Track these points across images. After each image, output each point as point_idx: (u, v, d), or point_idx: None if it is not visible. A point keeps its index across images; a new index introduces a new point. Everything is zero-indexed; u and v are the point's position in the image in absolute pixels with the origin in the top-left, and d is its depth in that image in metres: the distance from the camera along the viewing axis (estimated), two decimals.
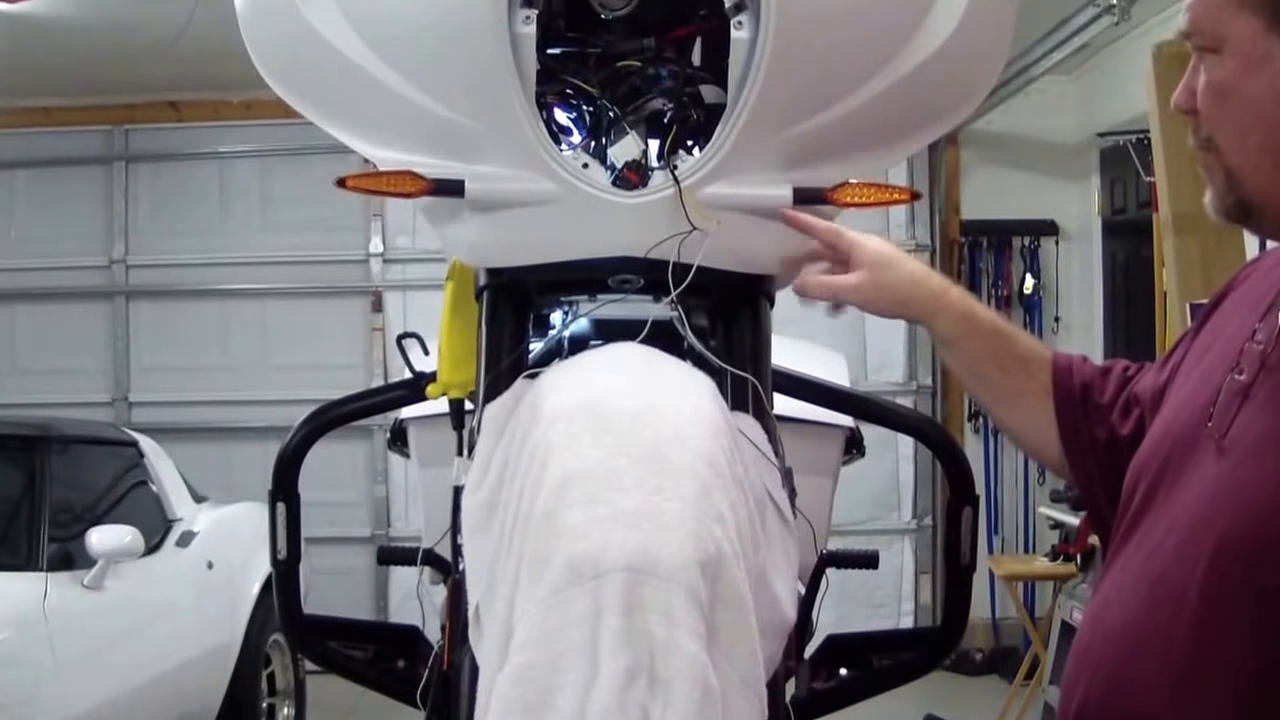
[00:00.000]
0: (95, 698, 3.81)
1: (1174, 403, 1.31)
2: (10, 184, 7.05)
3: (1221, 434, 1.19)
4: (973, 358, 1.51)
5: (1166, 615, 1.16)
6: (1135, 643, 1.19)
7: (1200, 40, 1.22)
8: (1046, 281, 6.79)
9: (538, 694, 1.17)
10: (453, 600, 1.82)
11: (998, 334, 1.51)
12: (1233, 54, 1.19)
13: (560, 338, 1.94)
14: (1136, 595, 1.21)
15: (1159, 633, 1.16)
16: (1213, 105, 1.22)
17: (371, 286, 6.92)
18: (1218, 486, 1.16)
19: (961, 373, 1.55)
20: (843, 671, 2.24)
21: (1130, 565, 1.24)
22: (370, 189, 1.59)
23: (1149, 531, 1.23)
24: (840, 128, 1.59)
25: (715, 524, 1.25)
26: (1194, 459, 1.21)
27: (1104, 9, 4.72)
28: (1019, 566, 5.82)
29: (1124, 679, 1.19)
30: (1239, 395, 1.19)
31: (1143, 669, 1.17)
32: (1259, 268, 1.34)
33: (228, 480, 6.23)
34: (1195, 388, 1.27)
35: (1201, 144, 1.25)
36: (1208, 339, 1.34)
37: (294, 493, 2.17)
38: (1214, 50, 1.21)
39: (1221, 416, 1.20)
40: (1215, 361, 1.27)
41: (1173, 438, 1.25)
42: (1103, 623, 1.25)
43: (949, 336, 1.51)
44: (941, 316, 1.50)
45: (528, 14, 1.49)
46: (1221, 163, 1.22)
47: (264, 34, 1.70)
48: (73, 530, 4.06)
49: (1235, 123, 1.20)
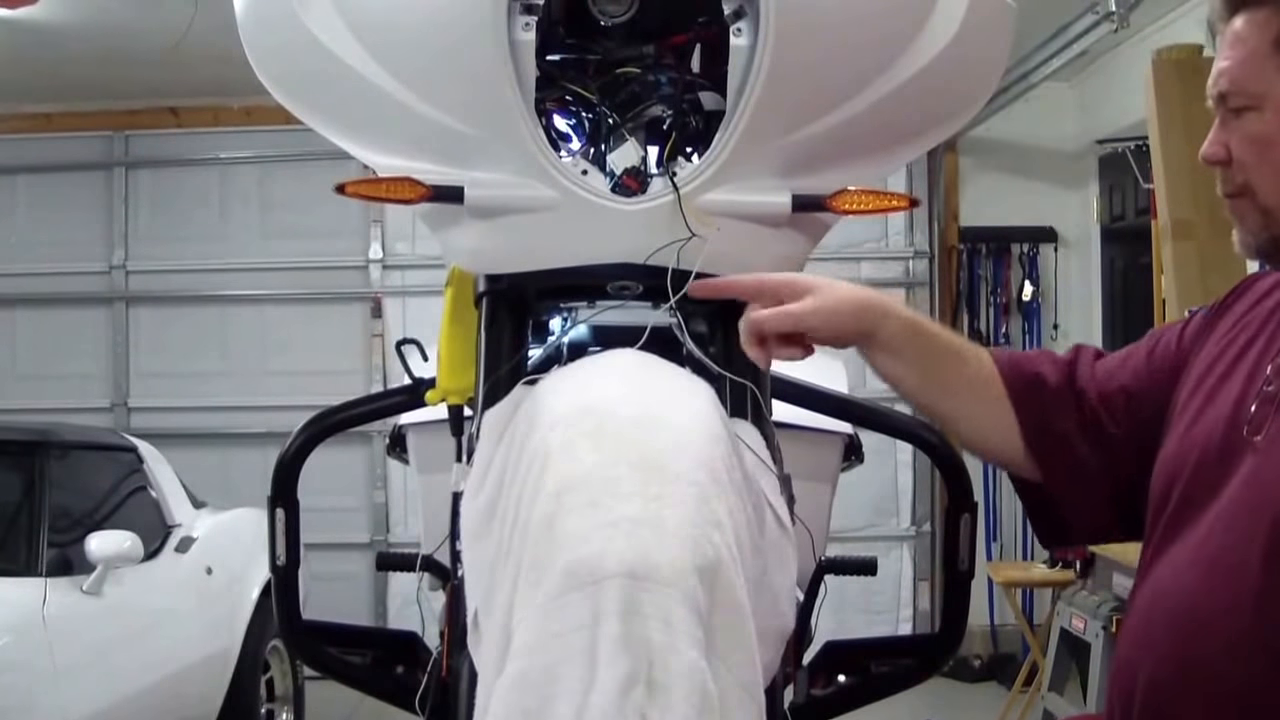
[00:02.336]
0: (94, 703, 3.81)
1: (1190, 413, 1.41)
2: (10, 189, 7.06)
3: (1260, 436, 1.30)
4: (926, 355, 1.50)
5: (1229, 592, 1.26)
6: (1199, 621, 1.28)
7: (1239, 100, 1.35)
8: (1045, 288, 6.79)
9: (536, 700, 1.17)
10: (451, 606, 1.82)
11: (939, 331, 1.54)
12: (1274, 110, 1.33)
13: (559, 344, 1.94)
14: (1193, 579, 1.30)
15: (1223, 608, 1.26)
16: (1253, 155, 1.35)
17: (371, 292, 6.92)
18: (1262, 474, 1.27)
19: (912, 377, 1.51)
20: (841, 678, 2.24)
21: (1178, 558, 1.33)
22: (370, 195, 1.59)
23: (1192, 529, 1.33)
24: (839, 135, 1.59)
25: (714, 530, 1.25)
26: (1232, 461, 1.32)
27: (1103, 16, 4.72)
28: (1017, 573, 5.82)
29: (1192, 654, 1.28)
30: (1271, 404, 1.31)
31: (1209, 643, 1.27)
32: (1255, 289, 1.46)
33: (227, 486, 6.23)
34: (1215, 399, 1.38)
35: (1235, 190, 1.38)
36: (1213, 353, 1.44)
37: (293, 498, 2.17)
38: (1254, 108, 1.34)
39: (1257, 422, 1.31)
40: (1231, 374, 1.38)
41: (1203, 445, 1.36)
42: (1157, 609, 1.34)
43: (903, 337, 1.48)
44: (892, 319, 1.47)
45: (527, 20, 1.50)
46: (1257, 205, 1.36)
47: (264, 40, 1.70)
48: (72, 535, 4.05)
49: (1276, 167, 1.33)
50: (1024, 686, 5.49)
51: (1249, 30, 1.34)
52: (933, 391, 1.54)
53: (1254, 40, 1.33)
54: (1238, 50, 1.35)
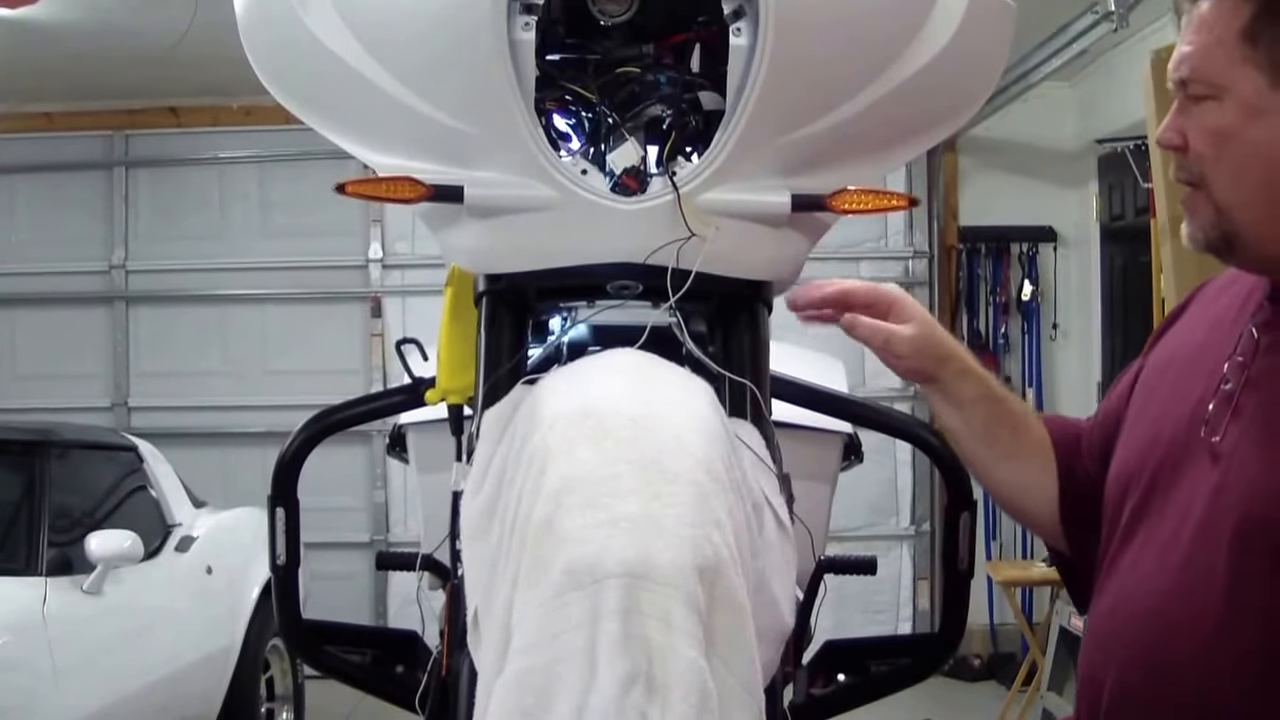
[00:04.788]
0: (94, 703, 3.81)
1: (1149, 415, 1.39)
2: (10, 189, 7.06)
3: (1217, 437, 1.28)
4: (987, 418, 1.55)
5: (1196, 595, 1.25)
6: (1167, 626, 1.27)
7: (1200, 89, 1.28)
8: (1045, 288, 6.80)
9: (536, 699, 1.18)
10: (451, 605, 1.82)
11: (1005, 396, 1.58)
12: (1234, 103, 1.25)
13: (559, 344, 1.94)
14: (1160, 583, 1.29)
15: (1190, 612, 1.25)
16: (1210, 147, 1.28)
17: (371, 292, 6.92)
18: (1225, 480, 1.25)
19: (969, 433, 1.57)
20: (841, 677, 2.24)
21: (1141, 561, 1.32)
22: (369, 195, 1.59)
23: (1154, 530, 1.32)
24: (839, 134, 1.60)
25: (713, 530, 1.25)
26: (1189, 463, 1.30)
27: (1102, 16, 4.72)
28: (1017, 572, 5.83)
29: (1160, 659, 1.27)
30: (1229, 405, 1.28)
31: (1177, 647, 1.26)
32: (1205, 291, 1.46)
33: (227, 485, 6.24)
34: (1172, 400, 1.36)
35: (1189, 179, 1.31)
36: (1164, 357, 1.43)
37: (293, 498, 2.17)
38: (1214, 98, 1.27)
39: (1215, 422, 1.29)
40: (1187, 375, 1.36)
41: (1163, 446, 1.34)
42: (1123, 613, 1.32)
43: (969, 398, 1.55)
44: (967, 378, 1.54)
45: (527, 20, 1.50)
46: (1210, 199, 1.29)
47: (263, 40, 1.70)
48: (72, 535, 4.06)
49: (1233, 164, 1.27)
50: (1023, 685, 5.49)
51: (1215, 16, 1.27)
52: (985, 452, 1.58)
53: (1220, 28, 1.26)
54: (1202, 36, 1.27)
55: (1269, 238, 1.28)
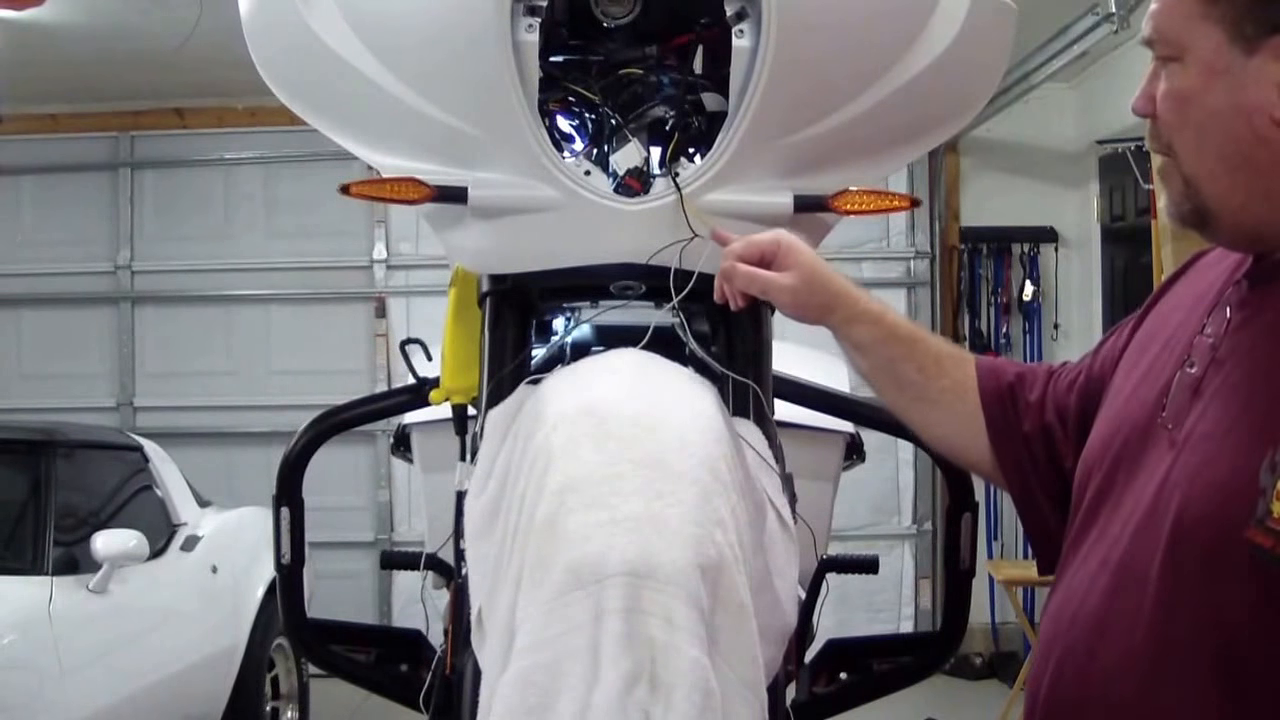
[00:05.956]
0: (99, 701, 3.82)
1: (1122, 396, 1.32)
2: (16, 189, 7.06)
3: (1175, 425, 1.21)
4: (890, 360, 1.49)
5: (1130, 598, 1.18)
6: (1100, 628, 1.20)
7: (1163, 49, 1.23)
8: (1046, 288, 6.79)
9: (539, 697, 1.18)
10: (455, 605, 1.83)
11: (914, 338, 1.51)
12: (1194, 63, 1.20)
13: (562, 344, 1.95)
14: (1099, 583, 1.22)
15: (1124, 616, 1.18)
16: (1172, 112, 1.23)
17: (375, 292, 6.92)
18: (1171, 474, 1.18)
19: (876, 377, 1.52)
20: (843, 676, 2.25)
21: (1090, 557, 1.26)
22: (374, 196, 1.60)
23: (1107, 523, 1.25)
24: (841, 135, 1.60)
25: (716, 529, 1.26)
26: (1148, 451, 1.23)
27: (1103, 17, 4.72)
28: (1018, 571, 5.82)
29: (1091, 663, 1.21)
30: (1191, 388, 1.21)
31: (1109, 652, 1.19)
32: (1197, 266, 1.37)
33: (232, 485, 6.24)
34: (1143, 381, 1.29)
35: (1161, 149, 1.26)
36: (1149, 331, 1.36)
37: (298, 497, 2.18)
38: (1175, 59, 1.22)
39: (1175, 409, 1.22)
40: (1161, 355, 1.29)
41: (1125, 431, 1.27)
42: (1066, 613, 1.26)
43: (865, 341, 1.48)
44: (859, 323, 1.47)
45: (530, 22, 1.51)
46: (1180, 169, 1.23)
47: (269, 41, 1.71)
48: (78, 534, 4.07)
49: (1194, 130, 1.21)
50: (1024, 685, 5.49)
51: None
52: (895, 393, 1.53)
53: None
54: None
55: (1237, 208, 1.20)
